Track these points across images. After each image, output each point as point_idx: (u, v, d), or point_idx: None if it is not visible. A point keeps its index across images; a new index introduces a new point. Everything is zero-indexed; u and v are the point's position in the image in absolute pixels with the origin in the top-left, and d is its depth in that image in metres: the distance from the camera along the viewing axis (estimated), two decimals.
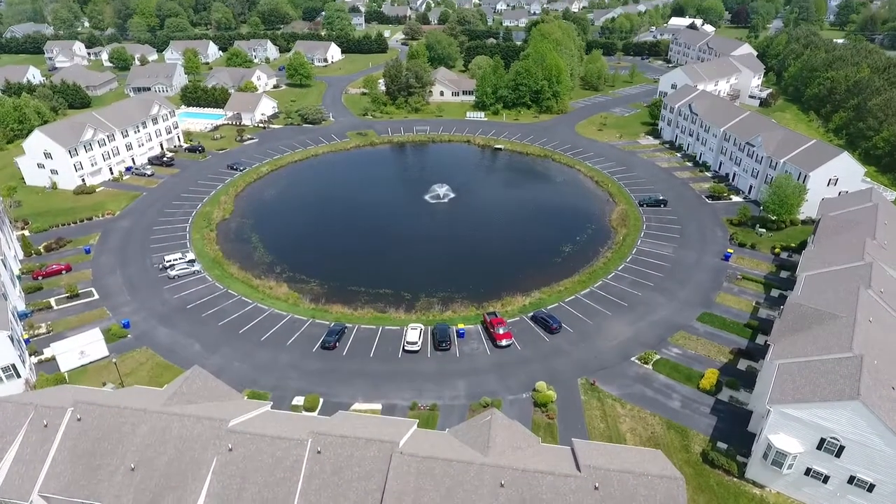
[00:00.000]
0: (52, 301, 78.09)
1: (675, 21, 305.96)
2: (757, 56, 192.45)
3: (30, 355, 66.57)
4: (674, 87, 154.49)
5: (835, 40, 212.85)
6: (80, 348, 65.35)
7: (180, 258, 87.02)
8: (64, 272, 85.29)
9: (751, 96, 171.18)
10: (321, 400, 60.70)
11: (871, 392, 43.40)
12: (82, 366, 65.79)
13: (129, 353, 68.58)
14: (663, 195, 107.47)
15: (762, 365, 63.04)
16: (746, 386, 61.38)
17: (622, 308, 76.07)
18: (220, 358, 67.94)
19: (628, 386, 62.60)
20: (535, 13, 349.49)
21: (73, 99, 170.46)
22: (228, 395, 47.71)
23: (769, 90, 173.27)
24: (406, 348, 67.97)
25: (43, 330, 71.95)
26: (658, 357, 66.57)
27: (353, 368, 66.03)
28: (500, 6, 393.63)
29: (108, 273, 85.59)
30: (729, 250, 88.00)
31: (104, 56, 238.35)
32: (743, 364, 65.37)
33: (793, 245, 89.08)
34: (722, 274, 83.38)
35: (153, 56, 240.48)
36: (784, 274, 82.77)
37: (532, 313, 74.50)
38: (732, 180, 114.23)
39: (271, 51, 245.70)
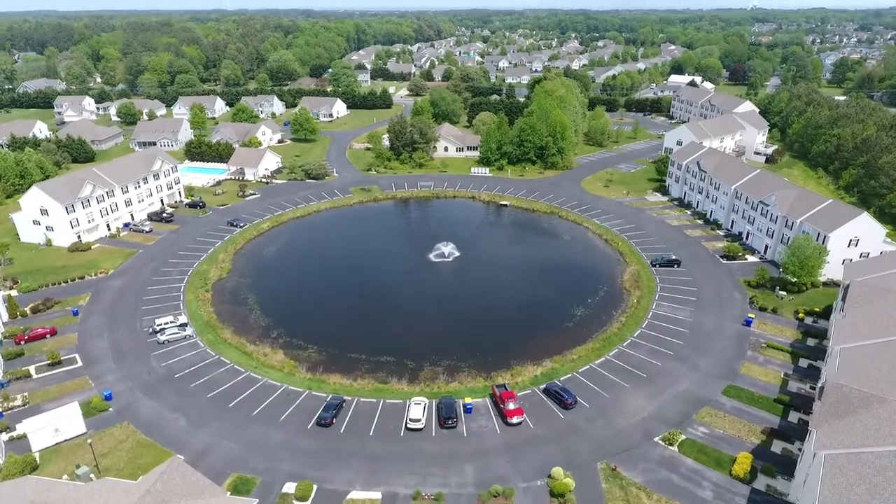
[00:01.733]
0: (32, 369, 73.27)
1: (675, 78, 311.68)
2: (759, 113, 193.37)
3: (0, 432, 61.32)
4: (679, 143, 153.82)
5: (835, 97, 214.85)
6: (55, 425, 60.21)
7: (172, 321, 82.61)
8: (48, 336, 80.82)
9: (756, 153, 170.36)
10: (315, 487, 54.99)
11: None
12: (57, 444, 60.50)
13: (109, 429, 63.27)
14: (676, 255, 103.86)
15: (799, 447, 57.76)
16: (784, 472, 55.75)
17: (641, 380, 70.92)
18: (207, 435, 62.54)
19: (653, 471, 56.85)
20: (536, 70, 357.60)
21: (78, 153, 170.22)
22: (209, 491, 42.39)
23: (774, 147, 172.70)
24: (409, 426, 62.63)
25: (19, 402, 66.89)
26: (683, 437, 61.09)
27: (352, 448, 60.52)
28: (503, 64, 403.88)
29: (94, 337, 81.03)
30: (750, 315, 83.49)
31: (112, 111, 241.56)
32: (777, 445, 59.78)
33: (817, 310, 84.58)
34: (745, 341, 78.56)
35: (161, 111, 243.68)
36: (811, 342, 77.99)
37: (544, 385, 69.41)
38: (746, 239, 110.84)
39: (277, 106, 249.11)
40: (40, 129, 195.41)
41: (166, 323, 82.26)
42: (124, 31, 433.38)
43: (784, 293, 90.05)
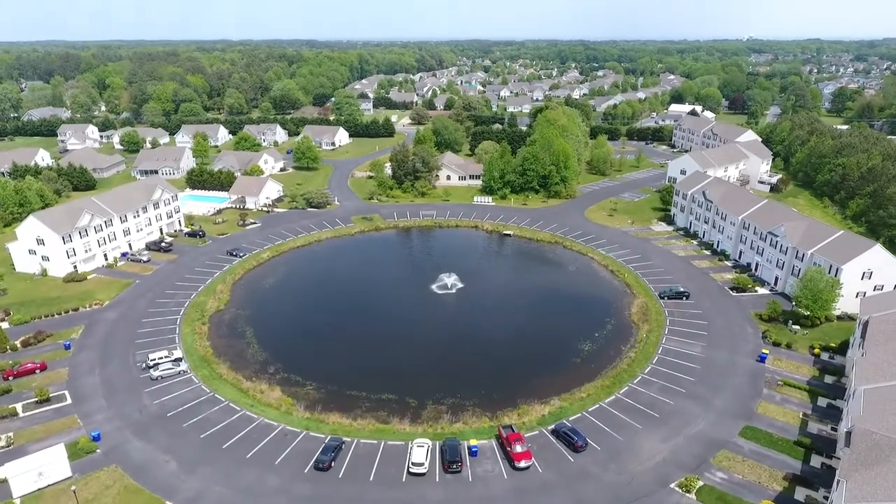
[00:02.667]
0: (19, 407, 70.45)
1: (675, 108, 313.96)
2: (761, 142, 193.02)
3: None
4: (683, 172, 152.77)
5: (836, 126, 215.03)
6: (39, 469, 57.23)
7: (166, 356, 79.94)
8: (38, 371, 78.11)
9: (760, 181, 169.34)
10: None
11: None
12: (39, 489, 57.45)
13: (96, 472, 60.20)
14: (684, 286, 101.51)
15: (824, 495, 54.59)
16: None
17: (653, 420, 67.90)
18: (199, 480, 59.39)
19: None
20: (537, 100, 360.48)
21: (79, 181, 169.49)
22: None
23: (779, 176, 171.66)
24: (411, 470, 59.52)
25: (2, 443, 63.95)
26: (701, 483, 57.88)
27: (351, 495, 57.33)
28: (504, 93, 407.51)
29: (85, 373, 78.28)
30: (764, 350, 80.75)
31: (116, 139, 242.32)
32: (800, 493, 56.61)
33: (833, 345, 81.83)
34: (759, 378, 75.66)
35: (165, 139, 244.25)
36: (829, 379, 75.09)
37: (553, 426, 66.43)
38: (755, 270, 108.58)
39: (280, 134, 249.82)
40: (42, 158, 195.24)
41: (160, 358, 79.64)
42: (130, 60, 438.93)
43: (797, 327, 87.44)
